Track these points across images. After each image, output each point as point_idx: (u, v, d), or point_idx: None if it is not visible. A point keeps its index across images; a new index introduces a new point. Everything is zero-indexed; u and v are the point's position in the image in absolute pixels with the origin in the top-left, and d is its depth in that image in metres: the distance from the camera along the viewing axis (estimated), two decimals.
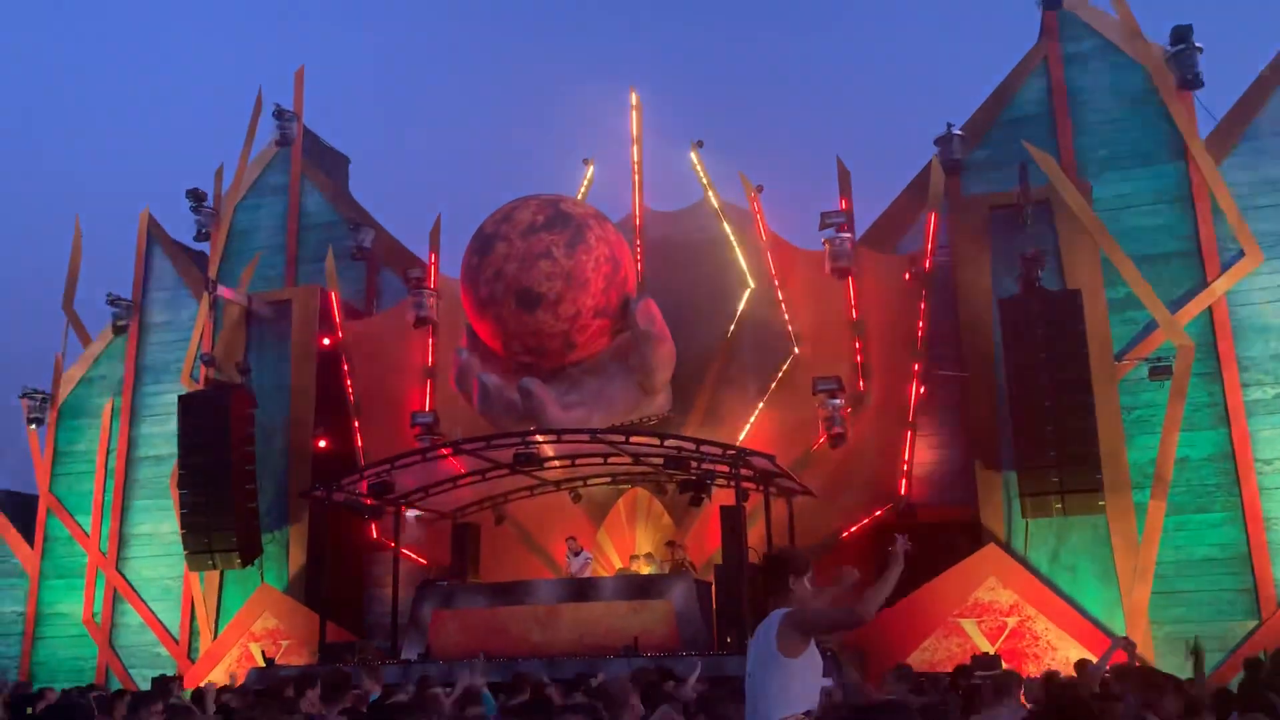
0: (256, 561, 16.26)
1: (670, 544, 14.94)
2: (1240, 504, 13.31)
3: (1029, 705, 6.63)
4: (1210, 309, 13.89)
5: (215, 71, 62.44)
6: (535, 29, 62.85)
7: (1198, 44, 14.33)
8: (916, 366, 14.61)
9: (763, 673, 4.23)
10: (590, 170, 17.67)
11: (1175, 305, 13.83)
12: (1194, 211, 14.22)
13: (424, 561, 16.41)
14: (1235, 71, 15.16)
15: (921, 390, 14.59)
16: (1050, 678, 8.49)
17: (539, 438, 13.84)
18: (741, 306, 16.05)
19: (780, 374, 15.55)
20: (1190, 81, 14.40)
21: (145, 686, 14.72)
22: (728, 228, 16.41)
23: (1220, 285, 13.86)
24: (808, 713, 4.17)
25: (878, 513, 14.46)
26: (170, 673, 15.46)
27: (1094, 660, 10.29)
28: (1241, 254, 13.84)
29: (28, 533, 18.56)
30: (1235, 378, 13.65)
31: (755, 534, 13.77)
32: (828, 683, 5.17)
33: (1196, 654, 7.43)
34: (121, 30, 65.21)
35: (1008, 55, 15.88)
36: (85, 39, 65.79)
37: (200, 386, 17.18)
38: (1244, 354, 13.77)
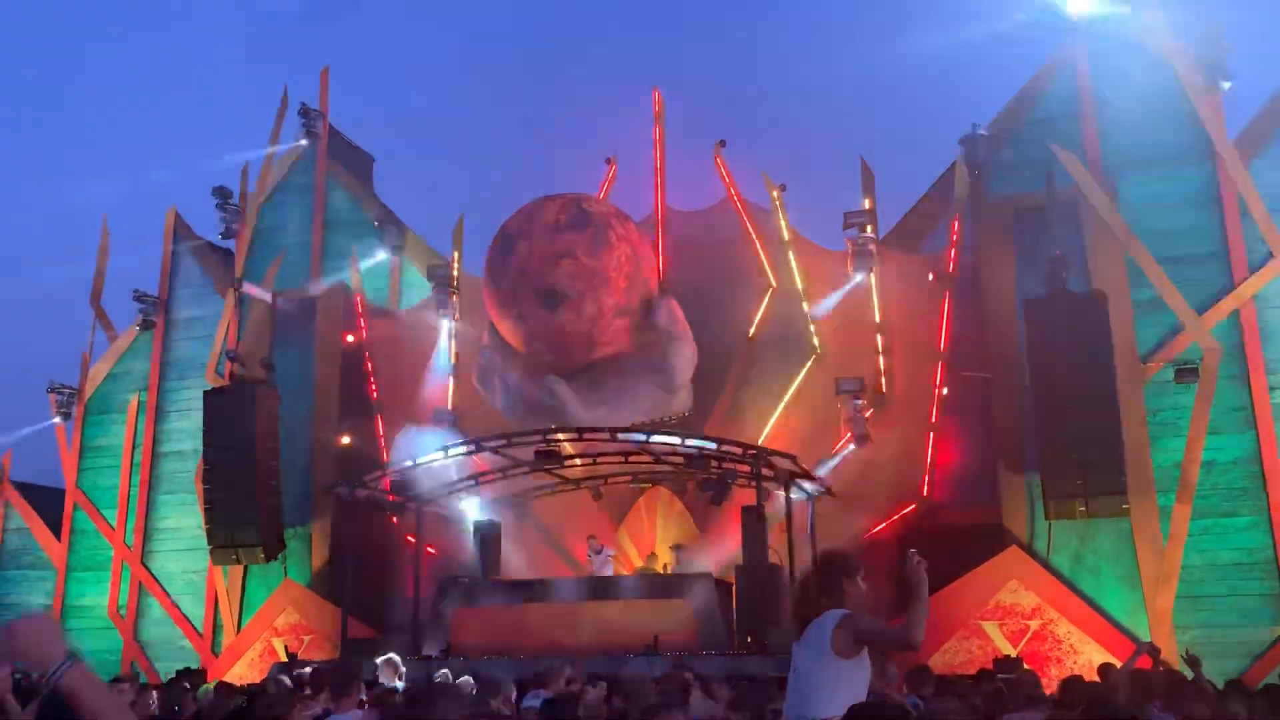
0: (280, 557, 16.36)
1: (675, 547, 14.96)
2: (1267, 508, 13.15)
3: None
4: (1238, 311, 13.74)
5: (242, 70, 62.87)
6: (559, 29, 62.94)
7: (1226, 44, 14.17)
8: (940, 367, 14.54)
9: (813, 670, 4.25)
10: (613, 169, 17.72)
11: (1202, 308, 13.69)
12: (1222, 213, 14.07)
13: (445, 558, 16.48)
14: (1265, 72, 15.01)
15: (944, 391, 14.52)
16: (1068, 683, 8.41)
17: (560, 436, 13.87)
18: (764, 306, 16.03)
19: (802, 374, 15.53)
20: (1219, 82, 14.24)
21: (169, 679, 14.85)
22: (750, 227, 16.39)
23: (1248, 288, 13.71)
24: None
25: (900, 514, 14.41)
26: (194, 666, 15.61)
27: (1118, 664, 10.21)
28: (1270, 256, 13.69)
29: (55, 526, 18.77)
30: (1263, 381, 13.50)
31: (776, 535, 13.75)
32: None
33: (1191, 663, 7.37)
34: (150, 28, 65.77)
35: (1034, 55, 15.78)
36: (114, 36, 66.40)
37: (225, 383, 17.30)
38: (1272, 357, 13.62)
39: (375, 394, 17.15)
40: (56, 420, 18.86)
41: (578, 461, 14.88)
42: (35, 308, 52.66)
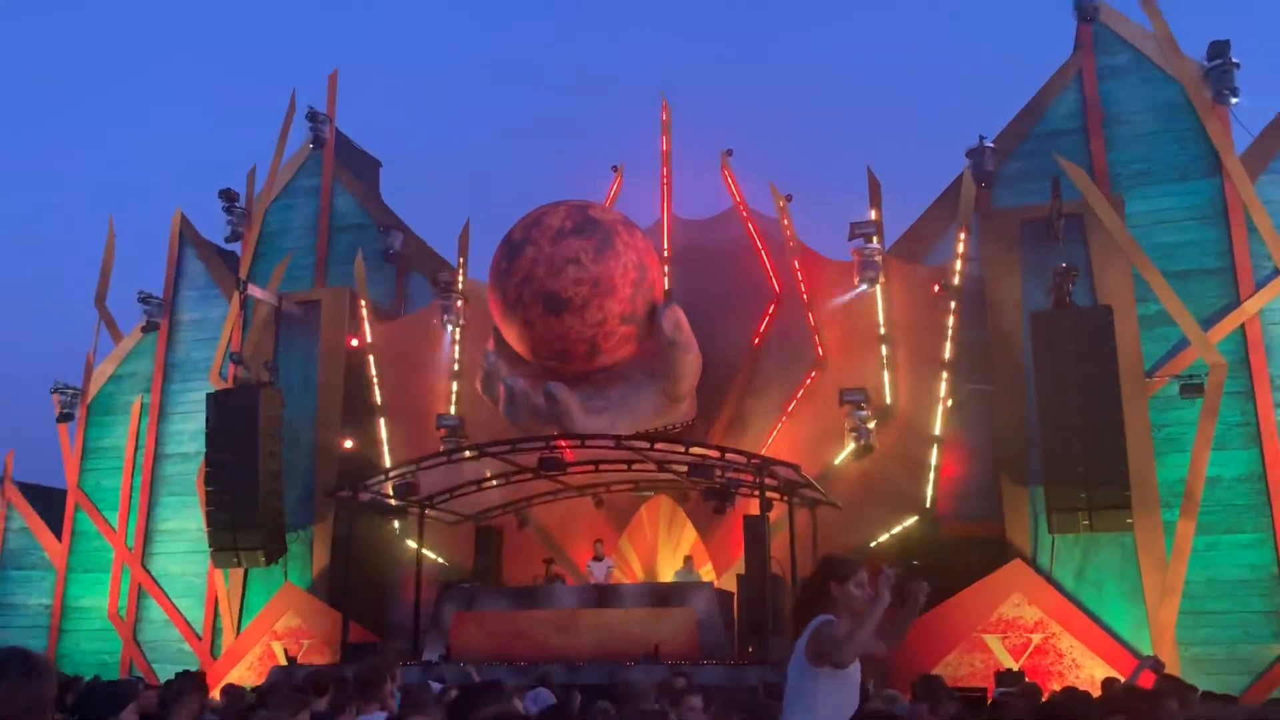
0: (280, 560, 16.34)
1: (686, 559, 14.94)
2: (1271, 525, 13.11)
3: None
4: (1243, 326, 13.72)
5: (250, 73, 63.04)
6: (567, 37, 63.09)
7: (1234, 59, 14.17)
8: (944, 379, 14.52)
9: (793, 679, 4.19)
10: (619, 177, 17.73)
11: (1208, 322, 13.67)
12: (1228, 228, 14.06)
13: (446, 564, 16.48)
14: (1273, 88, 15.00)
15: (949, 403, 14.49)
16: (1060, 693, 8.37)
17: (563, 442, 13.86)
18: (768, 316, 16.02)
19: (806, 384, 15.51)
20: (1226, 97, 14.24)
21: None
22: (756, 237, 16.39)
23: (1253, 303, 13.69)
24: None
25: (903, 525, 14.37)
26: (193, 668, 15.57)
27: (1121, 679, 10.18)
28: (1276, 272, 13.68)
29: (56, 527, 18.77)
30: (1268, 397, 13.47)
31: (779, 544, 13.72)
32: None
33: (1156, 668, 7.34)
34: (157, 30, 65.97)
35: (1042, 68, 15.77)
36: (121, 38, 66.63)
37: (229, 385, 17.31)
38: (1277, 373, 13.58)
39: (378, 398, 17.16)
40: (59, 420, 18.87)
41: (580, 468, 14.85)
42: (40, 307, 52.76)
